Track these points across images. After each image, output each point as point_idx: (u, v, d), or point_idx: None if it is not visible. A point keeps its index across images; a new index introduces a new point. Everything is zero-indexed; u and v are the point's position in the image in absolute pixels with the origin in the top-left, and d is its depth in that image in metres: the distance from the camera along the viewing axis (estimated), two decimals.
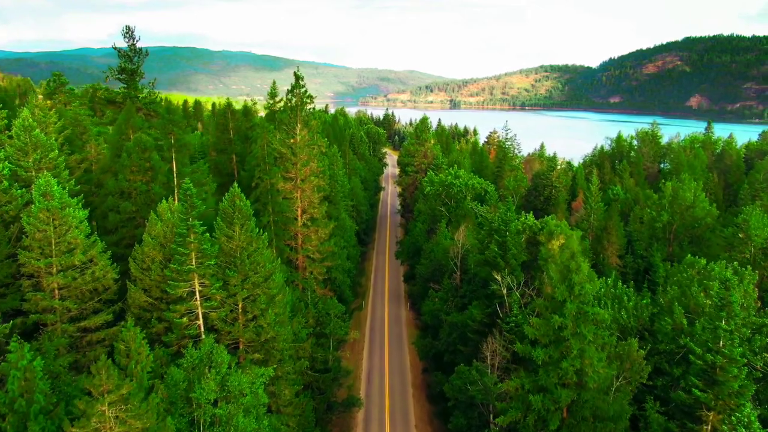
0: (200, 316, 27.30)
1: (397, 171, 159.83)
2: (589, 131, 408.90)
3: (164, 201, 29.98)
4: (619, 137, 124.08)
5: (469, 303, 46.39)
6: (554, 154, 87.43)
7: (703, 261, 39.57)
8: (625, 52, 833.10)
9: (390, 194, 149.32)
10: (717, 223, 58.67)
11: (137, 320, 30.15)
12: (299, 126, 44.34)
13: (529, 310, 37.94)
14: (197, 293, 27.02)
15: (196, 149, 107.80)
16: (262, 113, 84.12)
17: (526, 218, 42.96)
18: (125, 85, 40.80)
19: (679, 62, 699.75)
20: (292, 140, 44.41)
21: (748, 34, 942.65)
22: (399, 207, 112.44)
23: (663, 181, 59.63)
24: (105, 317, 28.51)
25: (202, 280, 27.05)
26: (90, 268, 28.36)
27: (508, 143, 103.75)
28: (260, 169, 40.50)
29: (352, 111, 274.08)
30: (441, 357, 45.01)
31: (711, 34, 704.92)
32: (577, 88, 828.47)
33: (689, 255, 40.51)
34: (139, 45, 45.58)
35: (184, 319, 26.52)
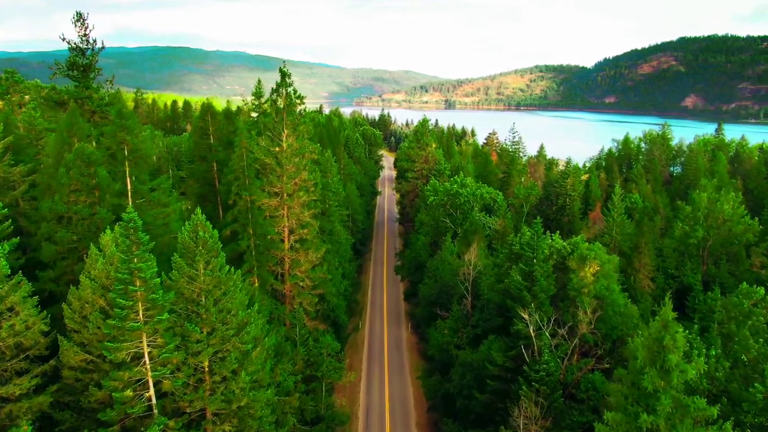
0: (150, 385, 20.83)
1: (393, 173, 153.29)
2: (586, 131, 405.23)
3: (108, 230, 23.46)
4: (626, 139, 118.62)
5: (483, 335, 40.09)
6: (568, 159, 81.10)
7: (762, 291, 33.77)
8: (620, 52, 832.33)
9: (387, 198, 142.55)
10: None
11: (75, 381, 23.79)
12: (286, 132, 37.78)
13: (561, 352, 31.76)
14: (146, 356, 20.57)
15: (184, 153, 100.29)
16: (254, 114, 77.35)
17: (553, 240, 36.60)
18: (76, 83, 34.35)
19: (674, 62, 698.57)
20: (277, 148, 37.85)
21: (742, 34, 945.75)
22: (397, 215, 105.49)
23: (697, 191, 53.47)
24: (29, 383, 22.04)
25: (152, 339, 20.61)
26: (9, 320, 21.93)
27: (514, 147, 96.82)
28: (239, 184, 33.98)
29: (346, 111, 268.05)
30: (452, 400, 38.64)
31: (705, 35, 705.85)
32: (573, 88, 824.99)
33: (744, 284, 34.59)
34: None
35: (128, 391, 20.05)
